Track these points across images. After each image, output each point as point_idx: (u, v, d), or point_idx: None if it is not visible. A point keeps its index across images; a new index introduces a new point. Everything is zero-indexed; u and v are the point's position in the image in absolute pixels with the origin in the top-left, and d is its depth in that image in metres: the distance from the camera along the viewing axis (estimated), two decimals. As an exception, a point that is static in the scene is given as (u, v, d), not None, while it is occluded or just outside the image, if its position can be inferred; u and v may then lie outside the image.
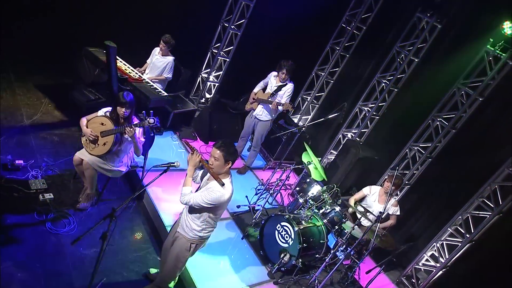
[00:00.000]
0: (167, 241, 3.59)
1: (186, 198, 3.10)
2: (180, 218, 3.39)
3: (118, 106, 3.97)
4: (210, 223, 3.25)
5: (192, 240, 3.28)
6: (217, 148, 3.06)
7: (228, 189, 3.10)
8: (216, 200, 3.03)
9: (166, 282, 3.61)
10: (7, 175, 4.11)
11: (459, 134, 5.50)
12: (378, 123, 6.52)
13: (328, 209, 4.41)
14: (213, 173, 3.09)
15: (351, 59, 7.16)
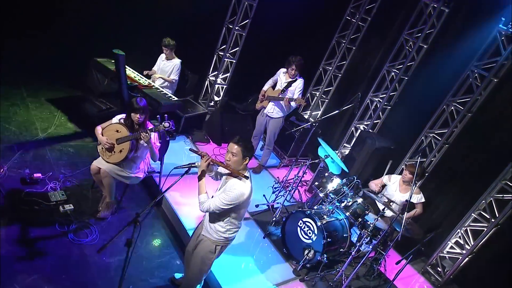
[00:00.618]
0: (189, 244, 3.49)
1: (205, 206, 3.01)
2: (203, 221, 3.30)
3: (132, 113, 3.91)
4: (234, 223, 3.15)
5: (217, 242, 3.19)
6: (235, 143, 2.96)
7: (247, 185, 3.00)
8: (236, 198, 2.93)
9: (192, 286, 3.52)
10: (27, 188, 4.06)
11: (476, 117, 5.34)
12: (391, 113, 6.38)
13: (350, 202, 4.29)
14: (233, 170, 2.99)
15: (358, 51, 7.03)
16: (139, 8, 6.42)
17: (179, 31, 6.41)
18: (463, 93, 5.41)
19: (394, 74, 6.24)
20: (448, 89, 5.50)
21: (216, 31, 6.97)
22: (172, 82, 6.02)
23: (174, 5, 6.59)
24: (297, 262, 4.42)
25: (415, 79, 6.13)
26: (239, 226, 3.23)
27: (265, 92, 5.69)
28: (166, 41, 5.74)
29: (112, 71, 5.59)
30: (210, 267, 3.37)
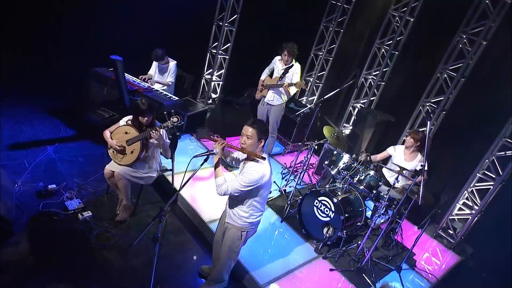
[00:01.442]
0: (216, 234, 3.35)
1: (223, 188, 2.84)
2: (226, 209, 3.15)
3: (139, 116, 3.73)
4: (257, 207, 3.00)
5: (242, 228, 3.03)
6: (249, 125, 2.80)
7: (266, 167, 2.85)
8: (256, 181, 2.77)
9: (222, 275, 3.36)
10: (43, 201, 3.87)
11: (470, 81, 5.24)
12: (385, 88, 6.26)
13: (363, 175, 4.15)
14: (249, 152, 2.83)
15: (346, 33, 6.90)
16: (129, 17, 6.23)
17: (170, 34, 6.24)
18: (454, 59, 5.30)
19: (384, 50, 6.11)
20: (440, 58, 5.38)
21: (206, 30, 6.81)
22: (169, 85, 5.83)
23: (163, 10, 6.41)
24: (318, 241, 4.30)
25: (406, 53, 6.01)
26: (263, 210, 3.07)
27: (263, 81, 5.54)
28: (154, 56, 5.56)
29: (111, 79, 5.40)
30: (238, 254, 3.22)
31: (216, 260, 3.43)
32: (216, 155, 2.86)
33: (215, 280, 3.42)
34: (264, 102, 5.56)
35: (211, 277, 3.43)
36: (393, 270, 4.26)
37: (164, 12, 6.43)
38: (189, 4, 6.37)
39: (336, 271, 4.01)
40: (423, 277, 4.42)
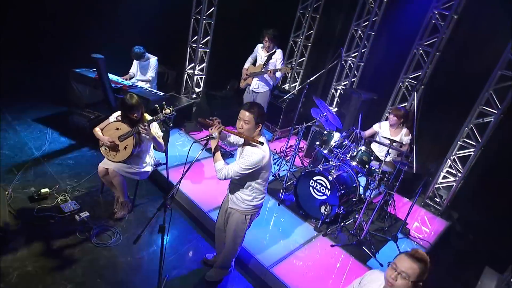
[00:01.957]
0: (218, 222, 3.23)
1: (223, 172, 2.72)
2: (228, 194, 3.04)
3: (126, 112, 3.53)
4: (259, 189, 2.90)
5: (246, 212, 2.94)
6: (246, 110, 2.68)
7: (265, 149, 2.75)
8: (256, 163, 2.66)
9: (229, 261, 3.28)
10: (37, 205, 3.64)
11: (445, 55, 5.28)
12: (365, 68, 6.25)
13: (355, 152, 4.12)
14: (246, 137, 2.72)
15: (322, 18, 6.82)
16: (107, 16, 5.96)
17: (149, 32, 5.99)
18: (429, 34, 5.32)
19: (361, 32, 6.08)
20: (415, 35, 5.39)
21: (185, 24, 6.59)
22: (149, 80, 5.62)
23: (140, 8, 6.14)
24: (316, 220, 4.25)
25: (382, 33, 6.00)
26: (265, 192, 2.98)
27: (247, 70, 5.41)
28: (134, 55, 5.34)
29: (93, 79, 5.15)
30: (243, 238, 3.12)
31: (220, 247, 3.33)
32: (214, 139, 2.73)
33: (221, 266, 3.32)
34: (250, 91, 5.44)
35: (217, 264, 3.33)
36: (390, 240, 4.27)
37: (142, 10, 6.18)
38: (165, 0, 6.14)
39: (336, 246, 3.98)
40: (417, 244, 4.46)
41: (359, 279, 2.46)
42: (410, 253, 2.04)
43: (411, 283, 1.99)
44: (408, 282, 1.98)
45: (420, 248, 4.39)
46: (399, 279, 2.01)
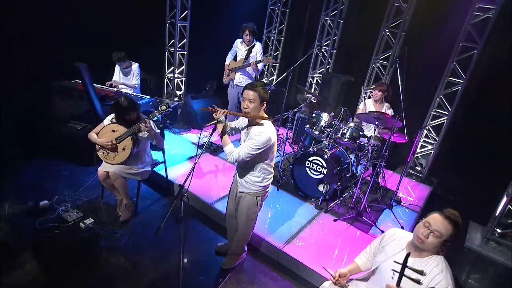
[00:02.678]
0: (229, 209, 3.11)
1: (234, 155, 2.61)
2: (236, 180, 2.92)
3: (123, 114, 3.34)
4: (268, 169, 2.81)
5: (257, 194, 2.84)
6: (250, 89, 2.57)
7: (271, 127, 2.66)
8: (265, 142, 2.57)
9: (242, 245, 3.18)
10: (38, 219, 3.36)
11: (409, 35, 5.39)
12: (338, 54, 6.28)
13: (345, 129, 4.11)
14: (254, 116, 2.62)
15: (292, 12, 6.79)
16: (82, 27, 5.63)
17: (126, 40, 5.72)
18: (393, 17, 5.42)
19: (330, 21, 6.11)
20: (381, 18, 5.47)
21: (160, 29, 6.38)
22: (135, 87, 5.38)
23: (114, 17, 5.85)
24: (316, 199, 4.20)
25: (350, 19, 6.05)
26: (273, 172, 2.89)
27: (229, 65, 5.29)
28: (116, 57, 5.07)
29: (76, 89, 4.86)
30: (255, 221, 3.02)
31: (232, 235, 3.21)
32: (222, 123, 2.61)
33: (236, 252, 3.21)
34: (234, 85, 5.33)
35: (231, 251, 3.21)
36: (385, 209, 4.31)
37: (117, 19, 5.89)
38: (139, 7, 5.89)
39: (339, 220, 3.96)
40: (409, 209, 4.53)
41: (378, 239, 2.42)
42: (445, 213, 1.98)
43: (442, 242, 1.96)
44: (439, 241, 1.95)
45: (412, 212, 4.47)
46: (430, 237, 1.97)
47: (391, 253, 2.19)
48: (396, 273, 1.96)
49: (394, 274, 2.01)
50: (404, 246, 2.17)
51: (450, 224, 1.94)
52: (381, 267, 2.21)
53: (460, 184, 5.31)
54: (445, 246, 1.99)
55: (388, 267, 2.15)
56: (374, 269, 2.29)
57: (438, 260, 2.00)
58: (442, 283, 1.93)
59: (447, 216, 1.96)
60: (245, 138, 2.76)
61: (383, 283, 2.20)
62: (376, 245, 2.40)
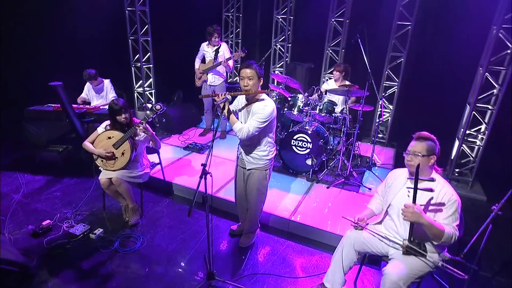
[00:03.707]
0: (239, 191, 3.06)
1: (244, 131, 2.59)
2: (242, 160, 2.87)
3: (116, 116, 3.16)
4: (271, 142, 2.82)
5: (265, 167, 2.83)
6: (246, 67, 2.56)
7: (271, 101, 2.68)
8: (270, 114, 2.59)
9: (256, 222, 3.13)
10: (44, 239, 3.05)
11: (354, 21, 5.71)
12: (293, 48, 6.47)
13: (321, 105, 4.24)
14: (255, 92, 2.61)
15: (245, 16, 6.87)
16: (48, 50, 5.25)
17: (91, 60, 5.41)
18: (336, 7, 5.70)
19: (282, 19, 6.29)
20: (327, 9, 5.73)
21: (123, 46, 6.11)
22: None
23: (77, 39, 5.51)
24: (306, 173, 4.28)
25: (301, 15, 6.24)
26: (275, 144, 2.89)
27: (199, 68, 5.22)
28: (87, 75, 4.74)
29: (52, 112, 4.49)
30: (266, 195, 3.00)
31: (244, 215, 3.17)
32: (229, 100, 2.57)
33: (251, 230, 3.16)
34: (207, 86, 5.26)
35: (246, 229, 3.15)
36: (365, 170, 4.51)
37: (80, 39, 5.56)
38: (100, 26, 5.60)
39: (331, 187, 4.07)
40: (384, 168, 4.78)
41: (382, 184, 2.54)
42: (415, 136, 2.20)
43: (424, 157, 2.12)
44: (420, 158, 2.12)
45: (387, 170, 4.72)
46: (413, 158, 2.15)
47: (398, 188, 2.31)
48: (411, 192, 2.09)
49: (410, 192, 2.13)
50: (405, 179, 2.31)
51: (421, 141, 2.14)
52: (392, 204, 2.33)
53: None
54: (432, 160, 2.16)
55: (398, 201, 2.27)
56: (386, 209, 2.39)
57: (437, 177, 2.18)
58: (448, 192, 2.10)
59: (417, 137, 2.18)
60: (245, 117, 2.74)
61: (396, 218, 2.32)
62: (382, 189, 2.52)
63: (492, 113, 4.55)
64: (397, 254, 2.25)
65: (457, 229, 2.08)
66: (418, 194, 2.07)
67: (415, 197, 2.06)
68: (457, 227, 2.09)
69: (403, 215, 2.06)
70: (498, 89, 4.45)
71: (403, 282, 2.08)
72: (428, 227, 2.02)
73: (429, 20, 5.30)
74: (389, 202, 2.35)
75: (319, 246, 3.20)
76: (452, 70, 5.11)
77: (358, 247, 2.40)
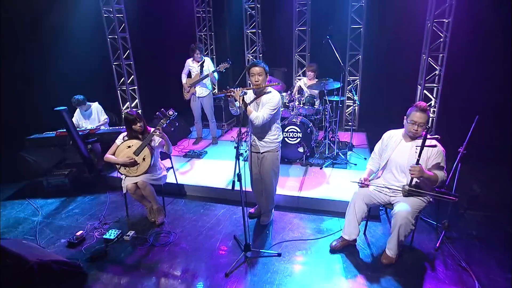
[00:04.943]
0: (254, 174, 3.35)
1: (260, 118, 2.93)
2: (256, 145, 3.18)
3: (132, 125, 3.36)
4: (279, 127, 3.18)
5: (276, 149, 3.18)
6: (255, 66, 2.89)
7: (277, 92, 3.06)
8: (277, 103, 2.96)
9: (273, 200, 3.43)
10: (81, 247, 3.12)
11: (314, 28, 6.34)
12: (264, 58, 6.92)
13: (303, 99, 4.71)
14: (266, 85, 2.96)
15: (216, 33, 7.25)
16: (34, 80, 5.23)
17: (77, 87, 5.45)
18: (298, 19, 6.28)
19: (251, 33, 6.75)
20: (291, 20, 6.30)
21: (107, 71, 6.20)
22: (106, 122, 5.17)
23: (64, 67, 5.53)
24: (300, 159, 4.68)
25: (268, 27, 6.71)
26: (280, 126, 3.23)
27: (186, 83, 5.48)
28: (76, 101, 4.79)
29: (55, 137, 4.50)
30: (279, 174, 3.33)
31: (260, 198, 3.45)
32: (246, 94, 2.90)
33: (270, 208, 3.46)
34: (196, 98, 5.52)
35: (265, 208, 3.45)
36: (347, 151, 5.02)
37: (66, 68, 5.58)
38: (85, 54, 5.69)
39: (324, 167, 4.50)
40: (361, 148, 5.32)
41: (379, 144, 2.99)
42: (419, 108, 2.56)
43: (425, 126, 2.59)
44: (424, 127, 2.58)
45: (364, 149, 5.28)
46: (419, 128, 2.58)
47: (394, 145, 2.78)
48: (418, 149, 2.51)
49: (417, 149, 2.55)
50: (401, 137, 2.78)
51: (424, 113, 2.58)
52: (390, 159, 2.78)
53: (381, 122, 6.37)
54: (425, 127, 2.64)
55: (397, 155, 2.72)
56: (384, 165, 2.85)
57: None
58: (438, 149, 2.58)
59: (421, 109, 2.59)
60: (255, 108, 3.06)
61: (394, 171, 2.77)
62: (379, 148, 2.98)
63: (438, 90, 5.34)
64: (399, 198, 2.70)
65: (446, 174, 2.58)
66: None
67: (420, 155, 2.48)
68: (445, 172, 2.58)
69: (411, 173, 2.48)
70: (439, 70, 5.26)
71: (411, 216, 2.53)
72: (427, 178, 2.49)
73: (377, 21, 6.07)
74: (387, 159, 2.79)
75: (327, 214, 3.58)
76: (401, 60, 5.89)
77: (367, 200, 2.82)
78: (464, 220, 3.36)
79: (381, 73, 6.22)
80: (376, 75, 6.29)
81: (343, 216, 3.02)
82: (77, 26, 5.67)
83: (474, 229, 3.20)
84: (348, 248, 2.96)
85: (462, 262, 2.72)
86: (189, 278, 2.68)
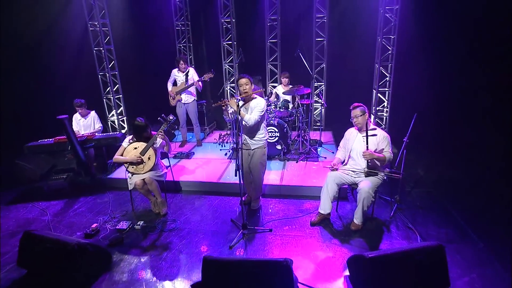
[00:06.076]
0: (245, 167, 3.90)
1: (252, 120, 3.51)
2: (247, 143, 3.75)
3: (143, 133, 3.81)
4: (265, 127, 3.79)
5: (264, 145, 3.79)
6: (242, 78, 3.51)
7: (261, 98, 3.66)
8: (264, 106, 3.56)
9: (261, 189, 4.01)
10: (97, 237, 3.50)
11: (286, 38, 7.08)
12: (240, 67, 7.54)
13: (278, 103, 5.40)
14: (253, 93, 3.57)
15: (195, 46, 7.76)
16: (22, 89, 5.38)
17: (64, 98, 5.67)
18: (270, 31, 7.01)
19: (227, 45, 7.33)
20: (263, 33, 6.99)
21: (93, 81, 6.45)
22: (100, 129, 5.48)
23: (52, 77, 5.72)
24: (278, 155, 5.34)
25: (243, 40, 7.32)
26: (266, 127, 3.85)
27: (172, 91, 5.91)
28: (78, 103, 5.15)
29: (53, 144, 4.74)
30: (265, 167, 3.94)
31: (249, 187, 4.04)
32: (241, 101, 3.48)
33: (258, 195, 4.06)
34: (181, 104, 5.96)
35: (254, 196, 4.04)
36: (318, 147, 5.78)
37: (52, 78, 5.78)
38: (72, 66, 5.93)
39: (299, 161, 5.20)
40: (329, 144, 6.11)
41: (343, 139, 3.73)
42: (351, 106, 3.42)
43: (361, 117, 3.37)
44: (360, 118, 3.37)
45: (332, 145, 6.07)
46: (357, 120, 3.39)
47: (353, 138, 3.54)
48: (365, 139, 3.30)
49: (364, 141, 3.32)
50: (356, 132, 3.54)
51: (356, 108, 3.40)
52: (353, 148, 3.53)
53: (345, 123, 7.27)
54: (366, 116, 3.39)
55: (356, 145, 3.48)
56: (349, 154, 3.59)
57: (374, 127, 3.44)
58: (381, 133, 3.38)
59: (353, 107, 3.41)
60: (245, 111, 3.66)
61: (355, 157, 3.52)
62: (344, 142, 3.72)
63: (388, 93, 6.31)
64: (362, 178, 3.44)
65: (392, 153, 3.37)
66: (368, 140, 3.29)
67: (367, 143, 3.26)
68: (391, 152, 3.37)
69: (363, 157, 3.25)
70: (389, 77, 6.23)
71: (371, 190, 3.27)
72: (377, 159, 3.25)
73: (337, 34, 6.95)
74: (350, 148, 3.54)
75: (306, 198, 4.26)
76: (359, 68, 6.81)
77: (337, 181, 3.53)
78: (411, 195, 4.22)
79: (342, 80, 7.11)
80: (339, 81, 7.16)
81: (318, 198, 3.70)
82: (63, 39, 5.91)
83: (418, 201, 4.06)
84: (324, 221, 3.65)
85: (409, 224, 3.52)
86: (199, 251, 3.20)
